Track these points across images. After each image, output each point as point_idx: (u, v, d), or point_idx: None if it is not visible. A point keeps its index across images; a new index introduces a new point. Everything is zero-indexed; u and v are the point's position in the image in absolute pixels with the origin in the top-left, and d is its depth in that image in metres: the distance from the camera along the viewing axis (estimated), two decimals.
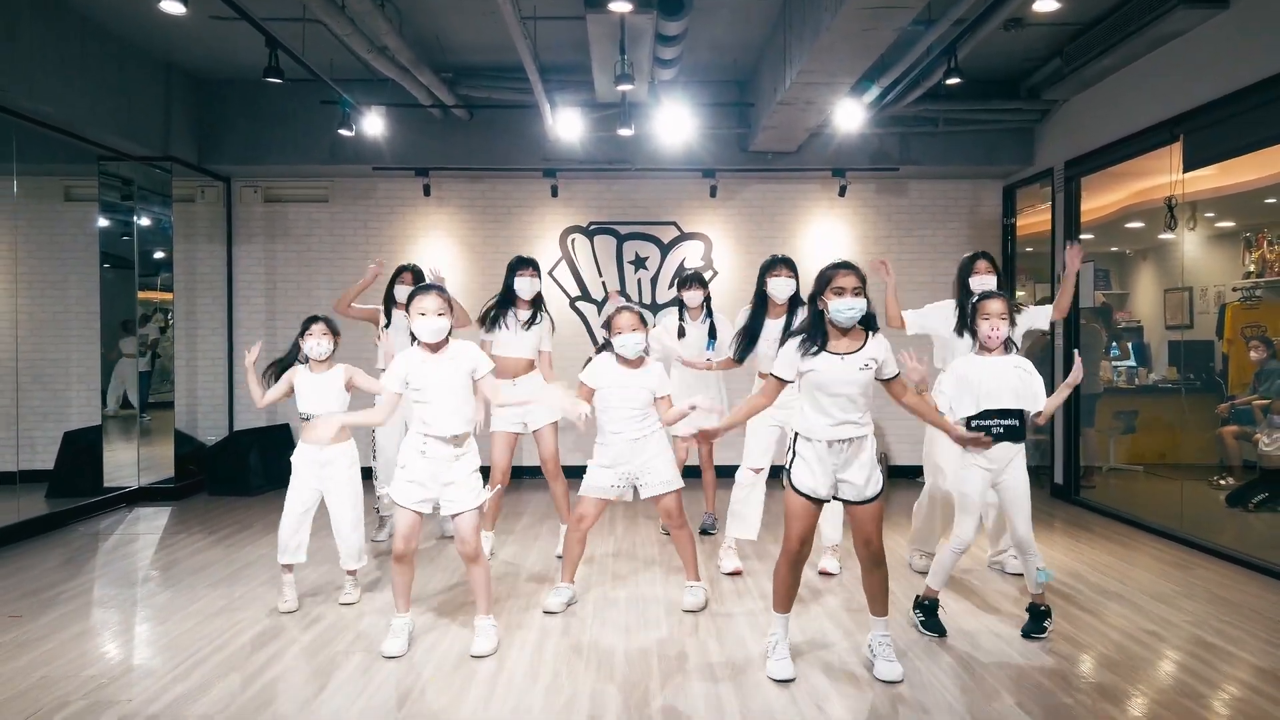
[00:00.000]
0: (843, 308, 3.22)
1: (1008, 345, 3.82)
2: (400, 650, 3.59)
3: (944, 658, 3.60)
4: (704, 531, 5.86)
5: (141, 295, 7.33)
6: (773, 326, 4.57)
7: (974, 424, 3.76)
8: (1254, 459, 6.34)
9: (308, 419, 4.20)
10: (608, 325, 4.10)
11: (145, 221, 7.31)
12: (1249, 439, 6.44)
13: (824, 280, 3.28)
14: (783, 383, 3.39)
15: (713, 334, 5.66)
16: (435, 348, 3.56)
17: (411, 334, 3.58)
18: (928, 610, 3.91)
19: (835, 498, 3.38)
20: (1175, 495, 6.03)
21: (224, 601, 4.36)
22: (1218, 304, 7.01)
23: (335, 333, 4.27)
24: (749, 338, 4.63)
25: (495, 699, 3.21)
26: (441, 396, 3.54)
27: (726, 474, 8.07)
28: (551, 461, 5.06)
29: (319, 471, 4.24)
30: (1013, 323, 3.85)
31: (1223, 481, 6.63)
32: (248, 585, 4.64)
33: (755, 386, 4.83)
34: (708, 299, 5.71)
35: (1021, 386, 3.77)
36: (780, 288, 4.58)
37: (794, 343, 3.34)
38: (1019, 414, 3.78)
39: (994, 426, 3.76)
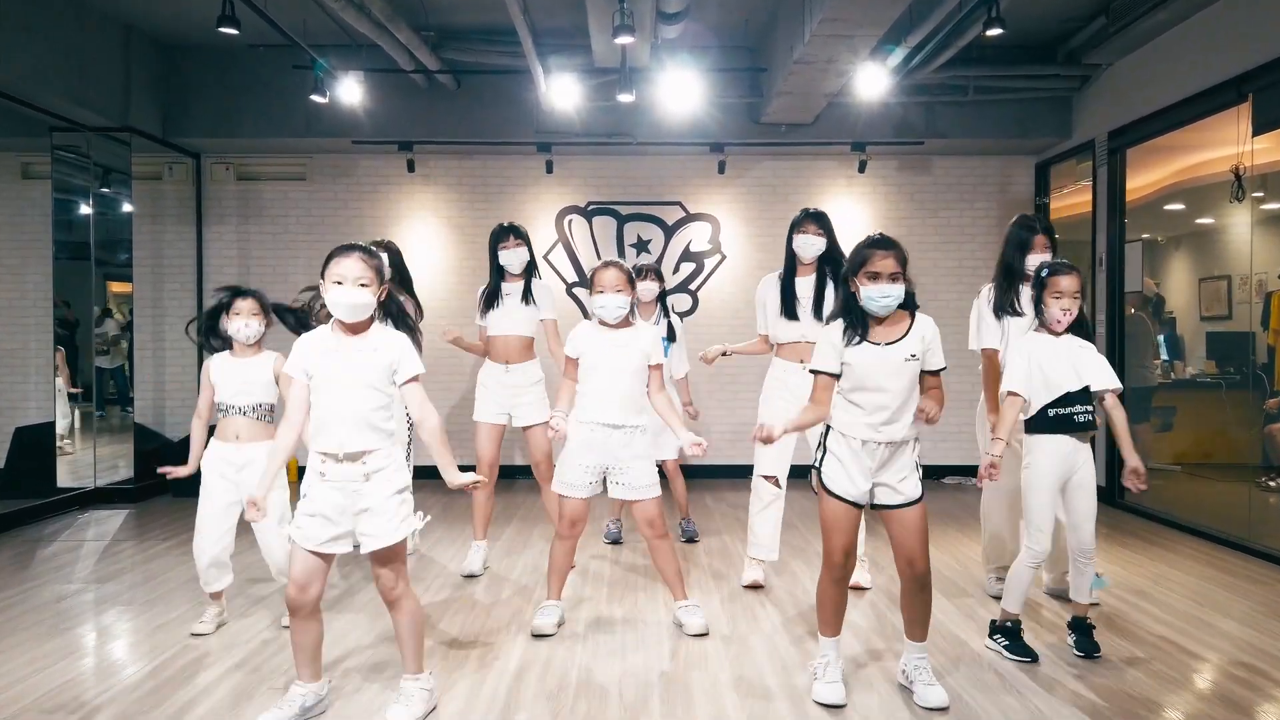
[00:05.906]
0: (875, 295, 2.73)
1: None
2: None
3: (990, 680, 3.00)
4: (689, 540, 5.27)
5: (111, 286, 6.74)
6: (802, 285, 4.14)
7: (1052, 413, 3.25)
8: None
9: (226, 412, 3.52)
10: (590, 283, 3.57)
11: (105, 200, 6.72)
12: None
13: (858, 260, 2.78)
14: (834, 378, 2.84)
15: (671, 336, 5.04)
16: (353, 329, 2.69)
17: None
18: (1009, 634, 3.36)
19: (872, 505, 2.87)
20: (1220, 497, 5.45)
21: (159, 622, 3.77)
22: (1260, 293, 6.41)
23: (267, 312, 3.51)
24: (787, 299, 4.13)
25: None
26: (339, 397, 2.64)
27: (709, 474, 7.52)
28: (545, 463, 4.49)
29: (235, 476, 3.50)
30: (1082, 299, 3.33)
31: (1273, 483, 6.05)
32: (188, 603, 4.04)
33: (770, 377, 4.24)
34: (663, 294, 5.15)
35: (1085, 364, 3.27)
36: (805, 245, 4.10)
37: (837, 329, 2.83)
38: (1089, 397, 3.28)
39: (1079, 414, 3.24)
